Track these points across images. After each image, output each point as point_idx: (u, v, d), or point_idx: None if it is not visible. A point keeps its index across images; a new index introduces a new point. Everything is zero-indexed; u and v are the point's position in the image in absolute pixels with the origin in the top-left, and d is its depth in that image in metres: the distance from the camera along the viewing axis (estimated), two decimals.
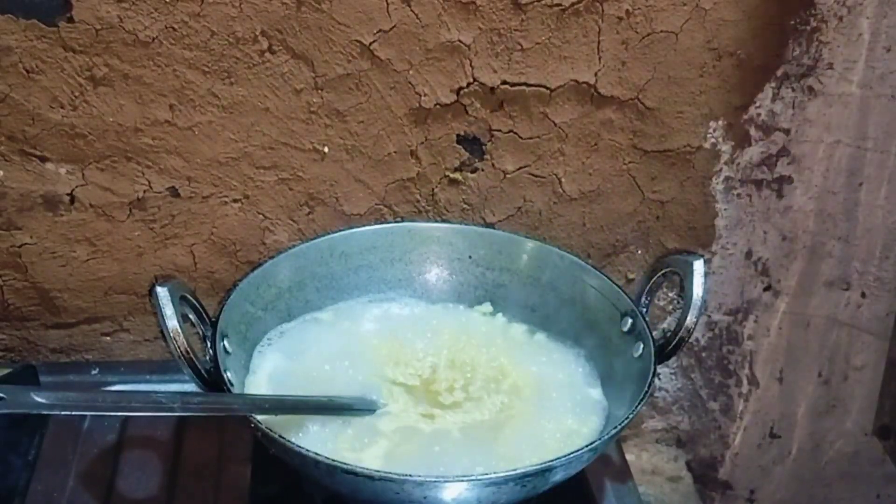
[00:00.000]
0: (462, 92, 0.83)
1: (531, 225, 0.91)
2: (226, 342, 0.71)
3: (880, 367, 1.01)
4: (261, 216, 0.86)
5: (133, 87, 0.79)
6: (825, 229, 0.95)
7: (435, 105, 0.84)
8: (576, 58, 0.83)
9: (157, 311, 0.65)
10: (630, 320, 0.76)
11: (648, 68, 0.84)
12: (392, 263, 0.85)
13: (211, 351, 0.69)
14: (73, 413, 0.73)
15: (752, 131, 0.90)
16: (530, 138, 0.86)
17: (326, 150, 0.84)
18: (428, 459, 0.69)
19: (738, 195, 0.93)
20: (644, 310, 0.77)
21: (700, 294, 0.72)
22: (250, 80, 0.80)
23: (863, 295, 0.98)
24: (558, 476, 0.65)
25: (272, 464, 0.70)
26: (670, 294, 0.96)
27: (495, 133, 0.86)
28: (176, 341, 0.65)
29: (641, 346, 0.74)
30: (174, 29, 0.77)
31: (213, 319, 0.71)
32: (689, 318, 0.72)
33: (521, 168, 0.88)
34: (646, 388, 0.68)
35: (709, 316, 0.99)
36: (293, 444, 0.62)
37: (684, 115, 0.87)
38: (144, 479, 0.76)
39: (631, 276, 0.95)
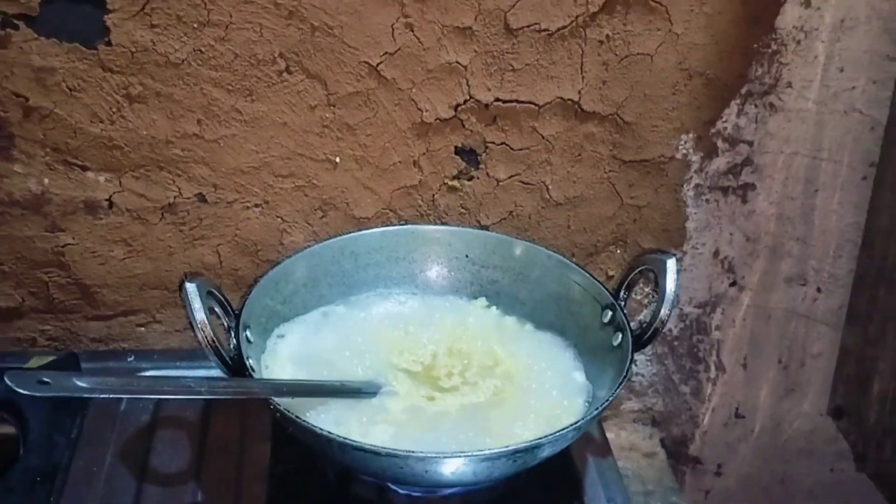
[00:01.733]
0: (459, 108, 0.83)
1: (521, 227, 0.90)
2: (248, 332, 0.71)
3: (834, 355, 1.01)
4: (279, 219, 0.86)
5: (165, 104, 0.79)
6: (785, 231, 0.95)
7: (435, 120, 0.83)
8: (561, 77, 0.83)
9: (186, 305, 0.65)
10: (610, 313, 0.76)
11: (626, 87, 0.84)
12: (397, 262, 0.84)
13: (234, 340, 0.68)
14: (111, 396, 0.76)
15: (720, 143, 0.90)
16: (521, 149, 0.86)
17: (338, 160, 0.84)
18: (429, 437, 0.68)
19: (707, 200, 0.93)
20: (622, 303, 0.76)
21: (673, 289, 0.72)
22: (270, 98, 0.80)
23: (818, 290, 0.98)
24: (546, 452, 0.65)
25: (290, 442, 0.69)
26: (646, 289, 0.95)
27: (489, 145, 0.86)
28: (203, 332, 0.64)
29: (620, 335, 0.73)
30: (201, 52, 0.77)
31: (237, 312, 0.71)
32: (662, 310, 0.72)
33: (512, 176, 0.88)
34: (624, 374, 0.68)
35: (680, 309, 0.99)
36: (309, 423, 0.62)
37: (658, 129, 0.87)
38: (175, 456, 0.76)
39: (611, 273, 0.94)
